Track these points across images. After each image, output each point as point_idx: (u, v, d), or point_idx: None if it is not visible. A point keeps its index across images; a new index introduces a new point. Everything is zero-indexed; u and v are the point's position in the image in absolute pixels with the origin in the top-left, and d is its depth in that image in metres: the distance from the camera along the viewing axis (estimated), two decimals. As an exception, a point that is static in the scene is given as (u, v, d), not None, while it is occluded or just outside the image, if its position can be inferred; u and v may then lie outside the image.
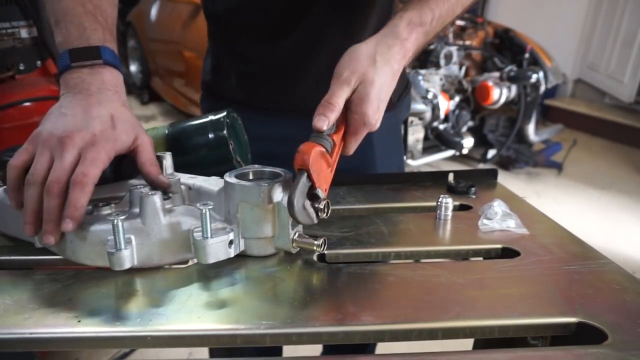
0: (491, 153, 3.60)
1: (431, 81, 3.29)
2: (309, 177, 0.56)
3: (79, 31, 0.61)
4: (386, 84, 0.64)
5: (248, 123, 0.94)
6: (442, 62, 3.34)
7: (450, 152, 3.45)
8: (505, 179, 2.90)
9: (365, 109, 0.62)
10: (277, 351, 0.97)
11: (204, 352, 1.65)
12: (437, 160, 3.48)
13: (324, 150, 0.59)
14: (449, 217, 0.73)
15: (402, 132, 1.10)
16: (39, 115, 1.57)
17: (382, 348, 1.13)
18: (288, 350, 1.21)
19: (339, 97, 0.61)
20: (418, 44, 0.68)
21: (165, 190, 0.60)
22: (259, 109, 0.94)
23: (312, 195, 0.57)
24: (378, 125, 0.67)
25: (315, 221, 0.57)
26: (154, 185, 0.59)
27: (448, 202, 0.73)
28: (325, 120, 0.59)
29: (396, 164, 1.08)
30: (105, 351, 1.72)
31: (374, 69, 0.62)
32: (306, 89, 0.91)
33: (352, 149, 0.66)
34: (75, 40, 0.61)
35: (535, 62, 3.48)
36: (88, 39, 0.61)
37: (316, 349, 1.24)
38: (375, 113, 0.64)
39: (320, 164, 0.58)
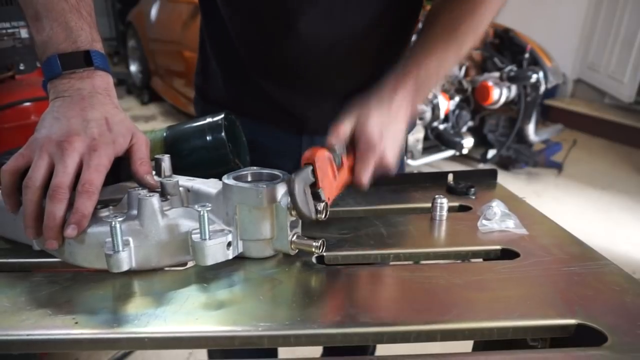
0: (491, 153, 3.59)
1: (431, 81, 3.28)
2: (314, 171, 0.58)
3: (66, 32, 0.59)
4: (386, 119, 0.68)
5: None
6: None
7: (450, 152, 3.45)
8: (505, 179, 2.90)
9: (366, 130, 0.66)
10: (272, 353, 0.97)
11: (204, 352, 1.65)
12: (437, 160, 3.47)
13: (331, 157, 0.61)
14: (444, 217, 0.73)
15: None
16: (38, 115, 1.56)
17: (381, 350, 1.13)
18: (287, 352, 1.20)
19: (342, 124, 0.67)
20: (412, 94, 0.73)
21: (162, 192, 0.59)
22: (245, 116, 0.90)
23: (313, 194, 0.57)
24: (391, 159, 0.70)
25: (314, 216, 0.56)
26: (142, 185, 0.59)
27: (443, 202, 0.72)
28: (334, 137, 0.65)
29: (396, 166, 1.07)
30: (105, 351, 1.72)
31: (368, 107, 0.69)
32: (293, 103, 0.89)
33: (363, 176, 0.67)
34: (62, 42, 0.58)
35: (535, 62, 3.47)
36: (76, 42, 0.59)
37: (316, 351, 1.23)
38: (379, 138, 0.66)
39: (326, 166, 0.60)
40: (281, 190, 0.57)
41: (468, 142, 3.34)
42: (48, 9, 0.59)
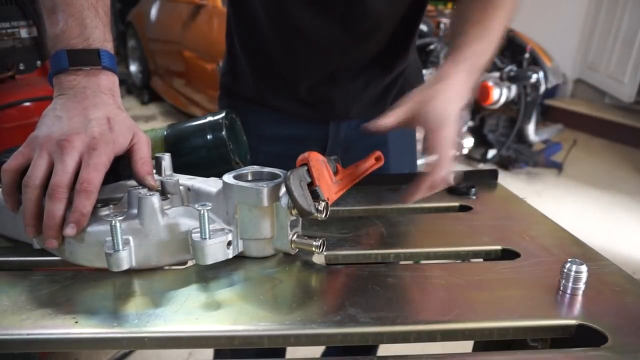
0: (491, 153, 3.59)
1: (431, 81, 3.28)
2: (309, 171, 0.58)
3: (80, 28, 0.59)
4: (451, 99, 0.69)
5: (263, 123, 0.94)
6: (442, 62, 3.34)
7: (450, 152, 3.44)
8: (505, 179, 2.89)
9: (437, 110, 0.66)
10: (280, 352, 0.97)
11: (203, 352, 1.65)
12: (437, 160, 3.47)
13: (325, 160, 0.62)
14: (580, 292, 0.53)
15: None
16: (39, 115, 1.55)
17: (381, 350, 1.13)
18: (289, 351, 1.21)
19: (399, 108, 0.68)
20: (468, 80, 0.74)
21: (163, 191, 0.59)
22: (274, 110, 0.95)
23: (311, 192, 0.57)
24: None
25: (313, 210, 0.56)
26: (142, 185, 0.59)
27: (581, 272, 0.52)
28: (386, 119, 0.67)
29: (409, 165, 1.09)
30: (105, 351, 1.72)
31: (432, 89, 0.69)
32: (318, 94, 0.92)
33: (446, 163, 0.65)
34: (74, 38, 0.58)
35: (535, 62, 3.48)
36: (88, 39, 0.59)
37: (318, 350, 1.23)
38: (450, 117, 0.67)
39: (321, 168, 0.60)
40: (281, 189, 0.57)
41: (468, 142, 3.34)
42: (67, 4, 0.59)
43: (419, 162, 3.40)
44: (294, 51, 0.89)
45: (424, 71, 3.28)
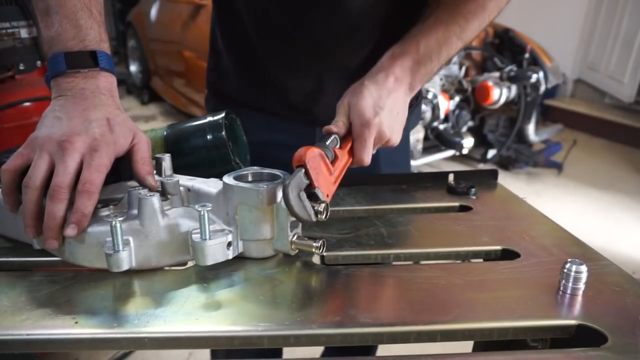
0: (491, 153, 3.59)
1: (431, 81, 3.29)
2: (306, 173, 0.57)
3: (75, 30, 0.59)
4: (379, 96, 0.70)
5: (250, 127, 0.93)
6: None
7: (450, 152, 3.45)
8: (505, 179, 2.89)
9: (358, 108, 0.68)
10: (277, 353, 0.97)
11: (204, 352, 1.65)
12: (437, 160, 3.47)
13: (322, 153, 0.60)
14: (580, 292, 0.53)
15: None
16: (39, 115, 1.55)
17: (381, 350, 1.13)
18: (288, 352, 1.21)
19: (338, 120, 0.70)
20: (410, 71, 0.73)
21: (163, 192, 0.59)
22: (259, 111, 0.94)
23: (311, 195, 0.57)
24: (393, 135, 0.72)
25: (313, 218, 0.56)
26: (143, 185, 0.59)
27: (581, 272, 0.52)
28: (329, 129, 0.68)
29: (403, 170, 1.07)
30: (105, 351, 1.72)
31: (361, 87, 0.71)
32: (303, 97, 0.90)
33: (363, 155, 0.69)
34: (70, 40, 0.58)
35: (535, 62, 3.48)
36: (84, 41, 0.59)
37: (317, 351, 1.24)
38: (372, 114, 0.68)
39: (319, 164, 0.59)
40: (282, 190, 0.57)
41: (468, 142, 3.34)
42: (60, 5, 0.59)
43: (419, 162, 3.36)
44: (277, 52, 0.87)
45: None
